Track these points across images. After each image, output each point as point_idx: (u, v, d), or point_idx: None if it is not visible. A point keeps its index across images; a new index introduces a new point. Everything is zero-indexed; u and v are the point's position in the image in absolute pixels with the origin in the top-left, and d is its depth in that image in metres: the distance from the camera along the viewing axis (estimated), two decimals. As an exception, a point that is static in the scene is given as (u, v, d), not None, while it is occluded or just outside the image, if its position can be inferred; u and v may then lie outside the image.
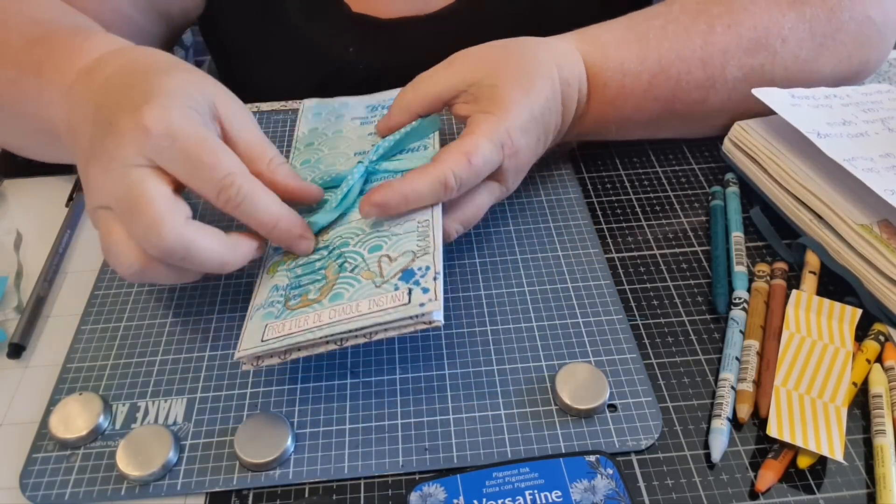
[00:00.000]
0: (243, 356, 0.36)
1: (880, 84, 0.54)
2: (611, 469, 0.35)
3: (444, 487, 0.34)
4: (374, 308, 0.35)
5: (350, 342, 0.36)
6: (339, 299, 0.36)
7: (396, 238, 0.39)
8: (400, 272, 0.37)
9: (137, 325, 0.43)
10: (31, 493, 0.35)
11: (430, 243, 0.38)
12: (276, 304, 0.38)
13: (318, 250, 0.41)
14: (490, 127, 0.42)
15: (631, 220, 0.49)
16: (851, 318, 0.41)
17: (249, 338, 0.37)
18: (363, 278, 0.37)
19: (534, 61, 0.45)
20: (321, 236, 0.42)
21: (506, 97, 0.43)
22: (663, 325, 0.43)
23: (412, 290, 0.35)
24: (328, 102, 0.54)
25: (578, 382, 0.38)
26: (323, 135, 0.50)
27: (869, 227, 0.42)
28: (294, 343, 0.35)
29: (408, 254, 0.38)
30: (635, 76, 0.48)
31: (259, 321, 0.38)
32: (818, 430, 0.36)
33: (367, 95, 0.54)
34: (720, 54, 0.49)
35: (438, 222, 0.40)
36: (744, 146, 0.50)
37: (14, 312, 0.44)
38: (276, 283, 0.40)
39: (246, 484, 0.35)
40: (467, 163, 0.40)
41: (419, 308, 0.34)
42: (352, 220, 0.42)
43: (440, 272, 0.36)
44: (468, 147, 0.41)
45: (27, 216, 0.51)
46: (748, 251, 0.46)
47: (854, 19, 0.51)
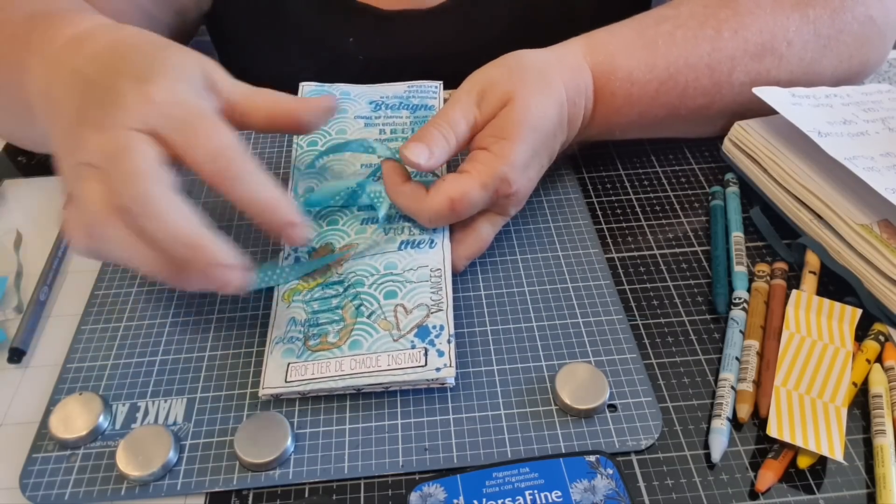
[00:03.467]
0: (266, 394, 0.38)
1: (880, 84, 0.54)
2: (611, 469, 0.35)
3: (444, 487, 0.34)
4: (392, 365, 0.38)
5: (367, 390, 0.39)
6: (359, 348, 0.39)
7: (411, 287, 0.41)
8: (415, 328, 0.39)
9: (137, 325, 0.43)
10: (31, 493, 0.35)
11: (442, 297, 0.40)
12: (296, 342, 0.39)
13: (332, 284, 0.42)
14: (487, 171, 0.42)
15: (631, 220, 0.49)
16: (851, 318, 0.41)
17: (272, 376, 0.38)
18: (381, 328, 0.39)
19: (545, 85, 0.44)
20: (336, 269, 0.43)
21: (512, 133, 0.42)
22: (663, 325, 0.42)
23: (428, 352, 0.38)
24: (327, 89, 0.53)
25: (578, 382, 0.38)
26: (326, 133, 0.50)
27: (869, 226, 0.42)
28: (316, 389, 0.38)
29: (422, 307, 0.40)
30: (643, 85, 0.48)
31: (280, 358, 0.39)
32: (818, 430, 0.36)
33: (368, 87, 0.53)
34: (728, 60, 0.49)
35: (449, 276, 0.42)
36: (744, 146, 0.50)
37: (14, 312, 0.44)
38: (293, 315, 0.41)
39: (246, 484, 0.35)
40: (449, 210, 0.41)
41: (435, 373, 0.37)
42: (365, 254, 0.43)
43: (453, 335, 0.39)
44: (455, 192, 0.41)
45: (27, 216, 0.51)
46: (748, 251, 0.46)
47: (856, 19, 0.51)
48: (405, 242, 0.44)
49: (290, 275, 0.43)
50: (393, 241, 0.44)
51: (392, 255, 0.43)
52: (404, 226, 0.44)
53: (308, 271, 0.43)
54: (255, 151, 0.55)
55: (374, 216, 0.45)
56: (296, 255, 0.44)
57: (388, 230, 0.44)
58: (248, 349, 0.41)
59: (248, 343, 0.42)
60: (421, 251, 0.43)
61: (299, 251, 0.44)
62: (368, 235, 0.44)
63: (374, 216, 0.45)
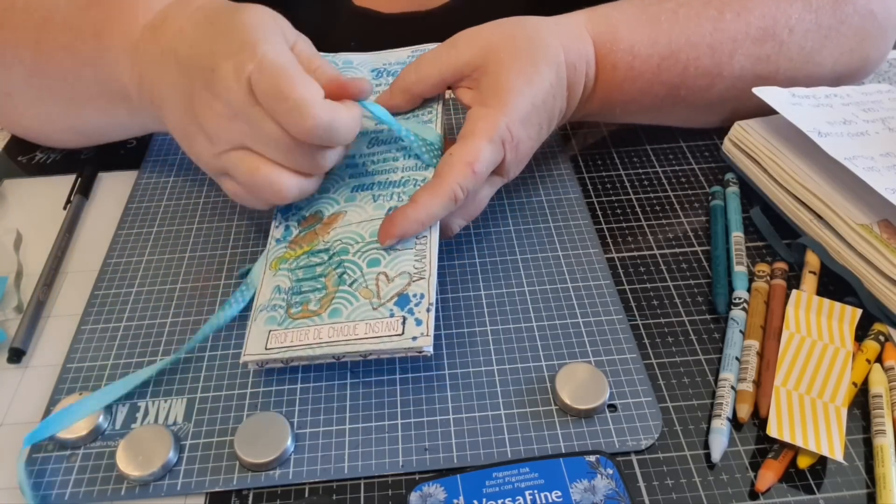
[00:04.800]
0: (249, 360, 0.38)
1: (880, 84, 0.54)
2: (611, 469, 0.35)
3: (444, 487, 0.34)
4: (369, 333, 0.37)
5: (346, 358, 0.38)
6: (338, 316, 0.38)
7: (395, 255, 0.40)
8: (396, 296, 0.38)
9: (137, 325, 0.43)
10: (31, 493, 0.35)
11: (425, 266, 0.39)
12: (279, 309, 0.39)
13: (318, 252, 0.41)
14: (489, 125, 0.42)
15: (631, 220, 0.49)
16: (851, 318, 0.41)
17: (254, 342, 0.38)
18: (361, 296, 0.39)
19: (540, 46, 0.45)
20: (322, 235, 0.42)
21: (507, 87, 0.43)
22: (663, 325, 0.42)
23: (406, 320, 0.37)
24: (330, 58, 0.52)
25: (578, 382, 0.38)
26: None
27: (869, 226, 0.42)
28: (295, 356, 0.37)
29: (404, 275, 0.39)
30: (645, 59, 0.48)
31: (262, 325, 0.39)
32: (818, 430, 0.36)
33: (371, 54, 0.52)
34: (729, 42, 0.49)
35: (435, 243, 0.41)
36: (744, 146, 0.50)
37: (14, 312, 0.44)
38: (279, 283, 0.41)
39: (246, 484, 0.35)
40: (472, 173, 0.41)
41: (411, 342, 0.36)
42: (352, 221, 0.42)
43: (433, 304, 0.38)
44: (470, 156, 0.41)
45: (27, 216, 0.51)
46: (748, 251, 0.46)
47: (857, 12, 0.51)
48: (393, 209, 0.42)
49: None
50: (381, 209, 0.42)
51: (379, 223, 0.41)
52: (393, 192, 0.43)
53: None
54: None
55: (364, 183, 0.44)
56: (286, 223, 0.43)
57: (378, 197, 0.43)
58: (248, 349, 0.41)
59: (248, 343, 0.42)
60: None
61: (290, 220, 0.43)
62: (358, 203, 0.43)
63: (364, 183, 0.44)
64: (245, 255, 0.47)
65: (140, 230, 0.49)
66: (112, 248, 0.48)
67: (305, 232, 0.43)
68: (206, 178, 0.53)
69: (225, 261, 0.47)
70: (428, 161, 0.44)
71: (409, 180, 0.43)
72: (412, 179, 0.43)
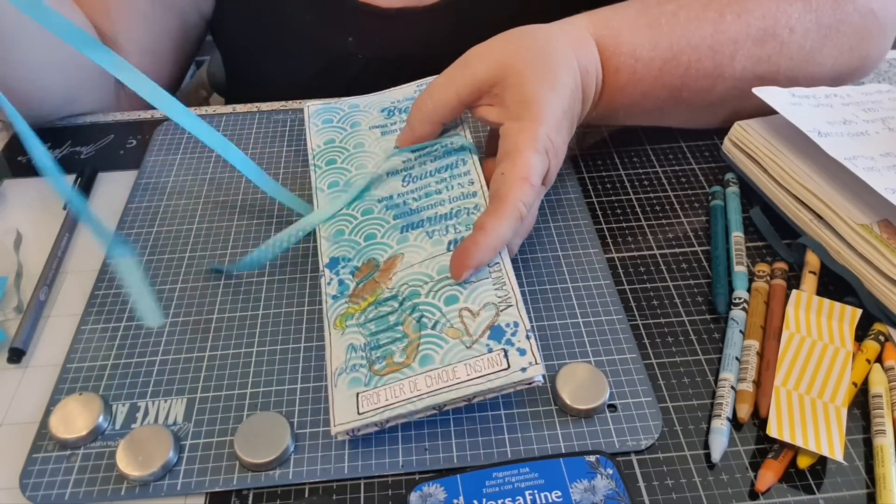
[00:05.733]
0: (340, 431, 0.35)
1: (880, 84, 0.54)
2: (611, 469, 0.35)
3: (444, 487, 0.34)
4: (472, 374, 0.35)
5: (449, 406, 0.36)
6: (431, 363, 0.36)
7: (472, 288, 0.38)
8: (487, 329, 0.36)
9: (137, 325, 0.43)
10: (31, 493, 0.35)
11: (508, 293, 0.38)
12: (361, 369, 0.37)
13: (386, 301, 0.39)
14: (531, 137, 0.41)
15: (631, 220, 0.49)
16: (851, 318, 0.41)
17: (342, 410, 0.36)
18: (449, 337, 0.37)
19: (553, 53, 0.44)
20: (383, 283, 0.40)
21: (535, 98, 0.42)
22: (663, 325, 0.42)
23: (508, 352, 0.35)
24: (335, 105, 0.52)
25: (578, 382, 0.38)
26: (343, 149, 0.48)
27: (869, 226, 0.42)
28: (395, 416, 0.35)
29: (489, 307, 0.37)
30: (647, 62, 0.48)
31: (346, 389, 0.36)
32: (818, 430, 0.36)
33: (376, 94, 0.52)
34: (730, 43, 0.49)
35: (510, 267, 0.39)
36: (744, 146, 0.50)
37: (14, 312, 0.44)
38: (351, 341, 0.38)
39: (246, 484, 0.35)
40: (530, 187, 0.40)
41: (521, 374, 0.34)
42: (412, 262, 0.40)
43: (531, 330, 0.36)
44: (524, 171, 0.40)
45: (27, 216, 0.51)
46: (748, 251, 0.46)
47: (857, 11, 0.51)
48: (454, 242, 0.40)
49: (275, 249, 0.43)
50: (440, 244, 0.41)
51: (443, 258, 0.40)
52: (447, 224, 0.41)
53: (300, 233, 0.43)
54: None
55: (413, 221, 0.42)
56: (338, 277, 0.41)
57: (433, 233, 0.41)
58: (248, 349, 0.41)
59: (249, 343, 0.42)
60: None
61: (341, 274, 0.41)
62: (413, 243, 0.41)
63: (412, 221, 0.42)
64: (245, 255, 0.47)
65: (140, 230, 0.49)
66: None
67: (364, 282, 0.40)
68: (206, 178, 0.53)
69: (225, 261, 0.47)
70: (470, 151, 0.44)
71: (461, 210, 0.42)
72: (463, 209, 0.42)
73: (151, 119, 0.59)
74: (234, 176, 0.53)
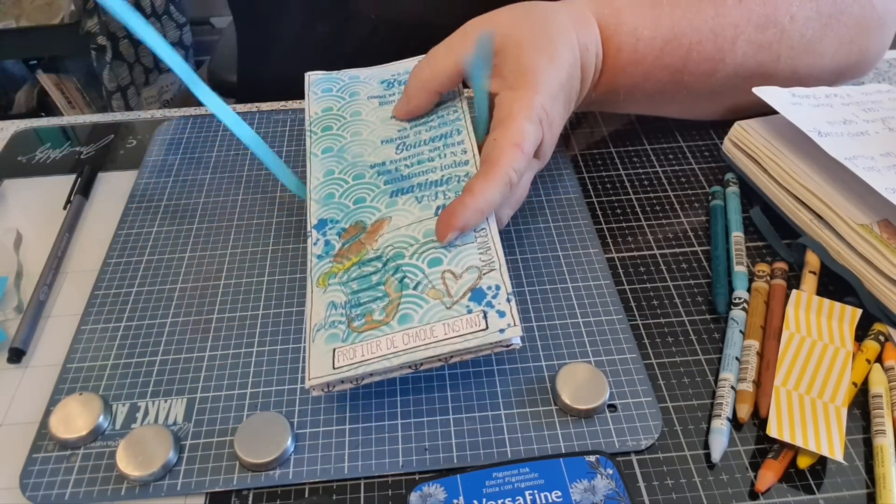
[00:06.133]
0: (315, 384, 0.35)
1: (880, 84, 0.54)
2: (611, 469, 0.35)
3: (444, 487, 0.34)
4: (450, 333, 0.35)
5: (425, 366, 0.36)
6: (409, 321, 0.36)
7: (457, 251, 0.38)
8: (469, 291, 0.36)
9: (137, 325, 0.43)
10: (31, 493, 0.35)
11: (493, 257, 0.38)
12: (339, 325, 0.37)
13: (370, 261, 0.39)
14: (525, 105, 0.41)
15: (631, 220, 0.49)
16: (851, 318, 0.41)
17: (318, 364, 0.35)
18: (430, 297, 0.37)
19: (553, 26, 0.44)
20: (369, 244, 0.40)
21: (532, 68, 0.42)
22: (663, 325, 0.42)
23: (487, 314, 0.35)
24: (335, 76, 0.51)
25: (578, 382, 0.38)
26: (340, 117, 0.48)
27: (869, 226, 0.42)
28: (369, 371, 0.35)
29: (472, 270, 0.37)
30: (648, 42, 0.48)
31: (324, 345, 0.36)
32: (818, 430, 0.36)
33: (377, 67, 0.51)
34: (731, 27, 0.48)
35: (496, 232, 0.39)
36: (744, 146, 0.50)
37: (14, 312, 0.44)
38: (332, 299, 0.38)
39: (246, 484, 0.35)
40: (521, 154, 0.40)
41: (499, 335, 0.34)
42: (399, 225, 0.40)
43: (512, 293, 0.36)
44: (516, 137, 0.40)
45: (27, 216, 0.51)
46: (748, 251, 0.46)
47: (857, 2, 0.51)
48: (441, 207, 0.40)
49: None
50: (428, 209, 0.41)
51: (430, 223, 0.40)
52: (437, 190, 0.41)
53: None
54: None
55: (403, 187, 0.42)
56: (325, 238, 0.41)
57: (422, 198, 0.41)
58: (248, 349, 0.41)
59: (249, 343, 0.42)
60: None
61: (328, 234, 0.41)
62: (401, 207, 0.41)
63: (402, 187, 0.42)
64: (245, 255, 0.47)
65: (140, 230, 0.49)
66: (112, 248, 0.48)
67: (350, 243, 0.40)
68: (206, 178, 0.53)
69: (225, 261, 0.47)
70: (483, 130, 0.43)
71: (452, 177, 0.42)
72: (454, 176, 0.42)
73: (151, 119, 0.59)
74: (233, 176, 0.53)
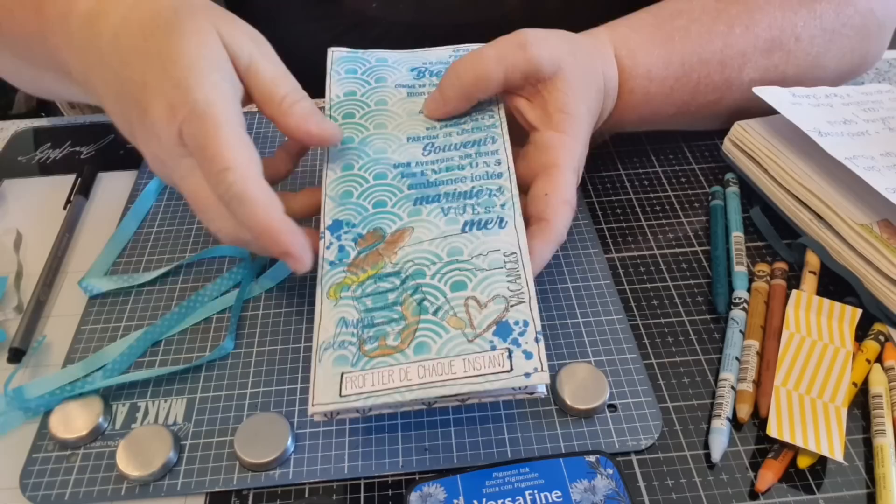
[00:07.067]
0: (318, 411, 0.32)
1: (880, 84, 0.54)
2: (611, 469, 0.35)
3: (444, 487, 0.34)
4: (470, 371, 0.32)
5: (439, 404, 0.33)
6: (426, 352, 0.33)
7: (483, 276, 0.35)
8: (493, 325, 0.33)
9: (137, 326, 0.43)
10: (31, 493, 0.35)
11: (522, 287, 0.35)
12: (349, 346, 0.34)
13: (387, 276, 0.36)
14: (570, 156, 0.41)
15: (631, 220, 0.49)
16: (851, 318, 0.41)
17: (323, 389, 0.33)
18: (450, 326, 0.34)
19: (593, 70, 0.44)
20: (387, 256, 0.37)
21: (577, 114, 0.42)
22: (663, 325, 0.42)
23: (512, 353, 0.32)
24: (361, 55, 0.47)
25: (578, 382, 0.38)
26: (363, 104, 0.44)
27: (869, 226, 0.42)
28: (378, 403, 0.32)
29: (499, 300, 0.34)
30: (660, 82, 0.48)
31: (331, 367, 0.33)
32: (818, 430, 0.36)
33: (407, 52, 0.48)
34: (739, 56, 0.49)
35: (528, 260, 0.36)
36: (744, 146, 0.50)
37: (14, 312, 0.44)
38: (343, 315, 0.35)
39: (246, 484, 0.35)
40: (572, 211, 0.40)
41: (524, 379, 0.31)
42: (422, 238, 0.37)
43: (541, 332, 0.33)
44: (567, 194, 0.40)
45: (27, 216, 0.51)
46: (748, 251, 0.46)
47: (859, 12, 0.51)
48: (470, 223, 0.37)
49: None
50: (455, 223, 0.37)
51: (456, 239, 0.37)
52: (465, 203, 0.38)
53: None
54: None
55: (428, 194, 0.39)
56: (339, 243, 0.38)
57: (448, 210, 0.38)
58: (247, 349, 0.41)
59: (248, 343, 0.42)
60: (490, 232, 0.37)
61: (343, 239, 0.38)
62: (426, 217, 0.38)
63: (427, 194, 0.39)
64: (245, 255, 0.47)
65: (140, 230, 0.49)
66: (112, 248, 0.48)
67: (366, 253, 0.37)
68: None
69: (225, 261, 0.47)
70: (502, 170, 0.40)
71: (482, 190, 0.39)
72: (485, 189, 0.39)
73: (151, 119, 0.59)
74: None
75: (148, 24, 0.36)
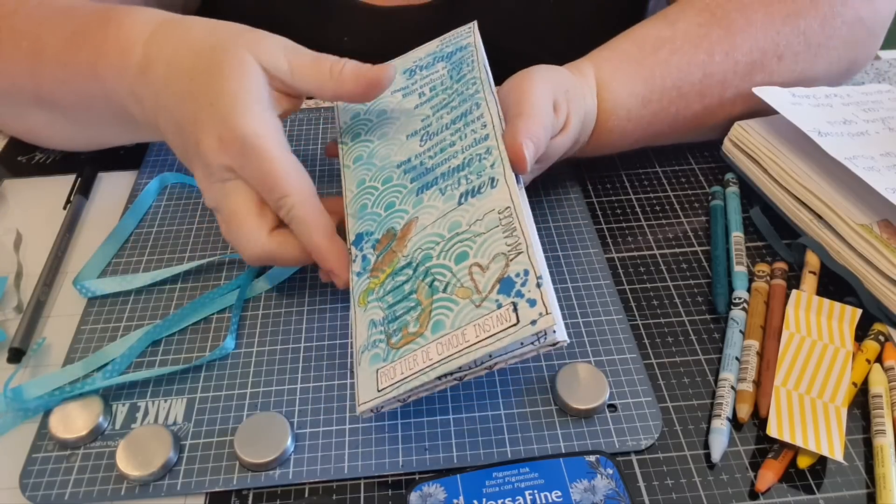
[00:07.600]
0: (364, 409, 0.34)
1: (880, 84, 0.54)
2: (611, 469, 0.35)
3: (444, 487, 0.34)
4: (481, 335, 0.32)
5: (470, 377, 0.33)
6: (442, 329, 0.34)
7: (481, 239, 0.35)
8: (497, 283, 0.33)
9: (137, 326, 0.43)
10: (31, 493, 0.35)
11: (519, 238, 0.34)
12: (380, 344, 0.35)
13: (402, 269, 0.37)
14: (541, 85, 0.42)
15: (631, 220, 0.49)
16: (851, 318, 0.41)
17: (365, 389, 0.35)
18: (459, 297, 0.34)
19: (584, 110, 0.46)
20: (399, 251, 0.38)
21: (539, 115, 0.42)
22: (663, 325, 0.42)
23: (517, 305, 0.32)
24: None
25: (578, 382, 0.38)
26: (367, 121, 0.46)
27: (869, 226, 0.42)
28: (410, 389, 0.33)
29: (499, 258, 0.34)
30: (638, 120, 0.49)
31: (368, 367, 0.35)
32: (818, 430, 0.36)
33: (400, 58, 0.50)
34: (718, 85, 0.49)
35: (521, 209, 0.35)
36: (744, 146, 0.50)
37: (14, 312, 0.44)
38: (372, 317, 0.37)
39: (246, 484, 0.35)
40: (548, 117, 0.41)
41: (532, 327, 0.31)
42: (425, 224, 0.38)
43: (543, 275, 0.32)
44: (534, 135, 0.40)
45: (27, 216, 0.51)
46: (748, 251, 0.46)
47: (846, 23, 0.51)
48: (465, 193, 0.38)
49: None
50: (452, 199, 0.38)
51: (454, 213, 0.37)
52: (459, 176, 0.39)
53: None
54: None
55: (427, 181, 0.40)
56: (362, 254, 0.40)
57: (445, 189, 0.39)
58: (247, 349, 0.41)
59: (248, 343, 0.42)
60: (483, 196, 0.37)
61: (364, 249, 0.40)
62: (427, 203, 0.39)
63: (427, 181, 0.40)
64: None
65: (140, 230, 0.49)
66: (112, 248, 0.48)
67: (383, 254, 0.39)
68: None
69: (224, 261, 0.47)
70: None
71: (473, 157, 0.39)
72: (475, 155, 0.39)
73: (151, 119, 0.59)
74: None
75: (190, 67, 0.40)
